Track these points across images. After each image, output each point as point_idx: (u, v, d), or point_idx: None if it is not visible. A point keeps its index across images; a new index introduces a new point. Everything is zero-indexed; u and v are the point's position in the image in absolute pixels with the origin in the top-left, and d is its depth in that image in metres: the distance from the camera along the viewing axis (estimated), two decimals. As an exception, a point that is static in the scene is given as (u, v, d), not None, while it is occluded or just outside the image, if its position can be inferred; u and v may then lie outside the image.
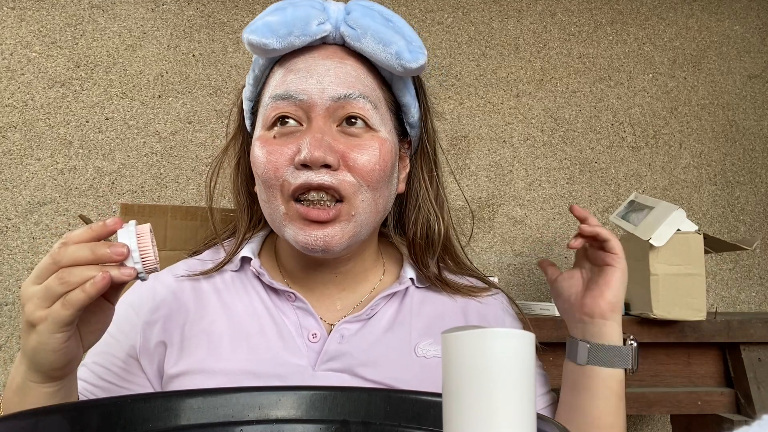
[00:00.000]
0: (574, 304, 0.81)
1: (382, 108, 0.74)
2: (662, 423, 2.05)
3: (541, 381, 0.85)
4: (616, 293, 0.77)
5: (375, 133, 0.72)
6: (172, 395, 0.47)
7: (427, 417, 0.48)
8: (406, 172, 0.82)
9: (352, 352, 0.73)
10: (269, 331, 0.74)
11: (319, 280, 0.79)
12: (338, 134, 0.71)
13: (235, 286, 0.79)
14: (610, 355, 0.77)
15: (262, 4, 2.08)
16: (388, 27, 0.71)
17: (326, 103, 0.70)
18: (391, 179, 0.75)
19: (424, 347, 0.76)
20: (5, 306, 1.82)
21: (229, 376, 0.71)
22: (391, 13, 0.75)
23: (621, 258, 0.78)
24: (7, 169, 1.88)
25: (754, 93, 2.29)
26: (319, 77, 0.71)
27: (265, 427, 0.48)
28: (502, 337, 0.36)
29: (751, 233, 2.22)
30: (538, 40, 2.22)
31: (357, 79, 0.72)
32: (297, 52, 0.74)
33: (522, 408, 0.36)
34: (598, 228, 0.79)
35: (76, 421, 0.43)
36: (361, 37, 0.71)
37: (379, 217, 0.75)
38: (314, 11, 0.71)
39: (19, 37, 1.93)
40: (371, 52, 0.71)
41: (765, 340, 1.46)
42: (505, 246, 2.11)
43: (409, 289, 0.82)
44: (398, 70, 0.70)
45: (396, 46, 0.70)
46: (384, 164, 0.71)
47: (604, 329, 0.77)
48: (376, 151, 0.71)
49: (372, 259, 0.83)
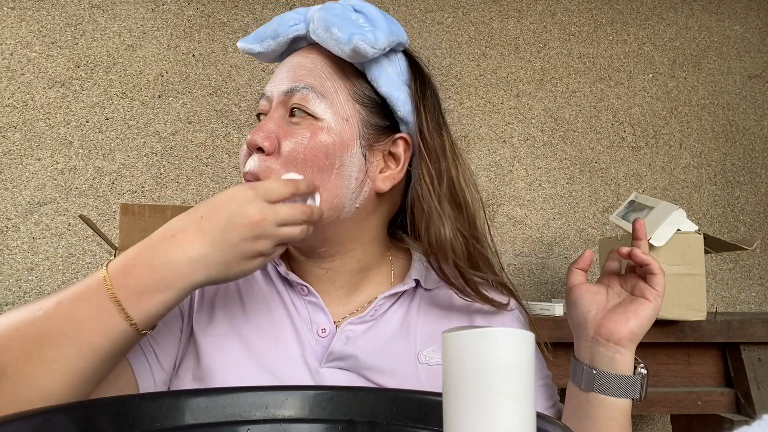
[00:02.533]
0: (590, 321, 0.75)
1: (336, 97, 0.73)
2: (662, 423, 2.06)
3: (547, 394, 0.82)
4: (642, 326, 0.72)
5: (313, 121, 0.71)
6: (179, 394, 0.48)
7: (433, 417, 0.48)
8: (397, 170, 0.76)
9: (357, 355, 0.73)
10: (283, 322, 0.75)
11: (314, 274, 0.79)
12: (285, 123, 0.73)
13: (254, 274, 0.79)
14: (617, 385, 0.72)
15: (261, 4, 2.08)
16: (342, 15, 0.72)
17: (279, 97, 0.74)
18: (335, 171, 0.71)
19: (428, 354, 0.75)
20: (5, 306, 1.82)
21: (240, 359, 0.71)
22: (366, 4, 0.74)
23: (660, 296, 0.74)
24: (7, 169, 1.87)
25: (754, 93, 2.30)
26: (283, 74, 0.75)
27: (271, 426, 0.48)
28: (502, 337, 0.36)
29: (751, 233, 2.22)
30: (538, 40, 2.22)
31: (310, 72, 0.74)
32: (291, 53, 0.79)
33: (522, 408, 0.36)
34: (651, 258, 0.74)
35: (83, 420, 0.43)
36: (316, 29, 0.73)
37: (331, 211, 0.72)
38: (293, 15, 0.76)
39: (19, 37, 1.93)
40: (322, 40, 0.73)
41: (765, 340, 1.46)
42: (505, 246, 2.11)
43: (418, 291, 0.80)
44: (340, 53, 0.71)
45: (338, 31, 0.70)
46: (312, 151, 0.70)
47: (617, 357, 0.72)
48: (305, 137, 0.70)
49: (372, 260, 0.80)
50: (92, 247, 1.89)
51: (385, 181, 0.76)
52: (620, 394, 0.72)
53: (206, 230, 0.59)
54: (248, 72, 2.06)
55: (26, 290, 1.84)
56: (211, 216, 0.60)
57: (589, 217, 2.16)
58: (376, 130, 0.75)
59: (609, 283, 0.79)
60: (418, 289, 0.80)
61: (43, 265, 1.86)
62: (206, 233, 0.59)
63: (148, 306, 0.57)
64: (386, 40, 0.71)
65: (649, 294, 0.73)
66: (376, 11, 0.74)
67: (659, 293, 0.74)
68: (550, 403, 0.81)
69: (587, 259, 0.81)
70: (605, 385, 0.72)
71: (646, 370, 0.73)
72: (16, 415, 0.41)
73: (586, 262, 0.81)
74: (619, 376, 0.72)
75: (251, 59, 2.05)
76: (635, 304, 0.74)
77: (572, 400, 0.76)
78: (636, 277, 0.76)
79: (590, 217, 2.16)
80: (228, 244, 0.59)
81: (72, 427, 0.42)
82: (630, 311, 0.73)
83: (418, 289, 0.80)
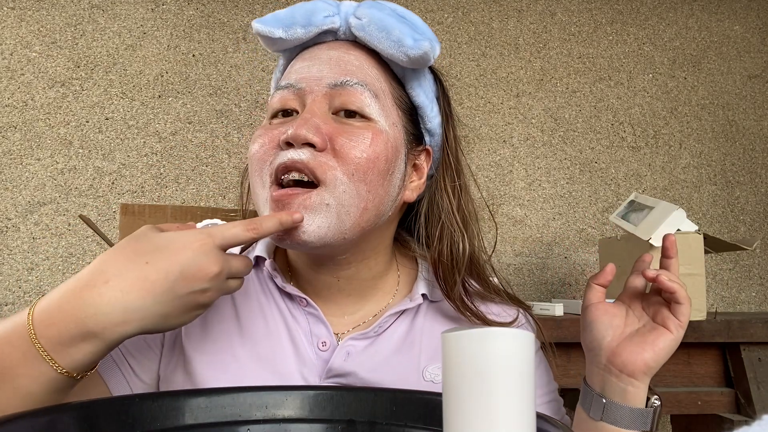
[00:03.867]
0: (605, 348, 0.70)
1: (385, 100, 0.70)
2: (662, 423, 2.06)
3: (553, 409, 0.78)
4: (658, 359, 0.68)
5: (371, 123, 0.67)
6: (179, 394, 0.48)
7: (433, 417, 0.48)
8: (420, 181, 0.75)
9: (357, 372, 0.70)
10: (280, 336, 0.72)
11: (323, 284, 0.75)
12: (331, 119, 0.67)
13: (253, 284, 0.77)
14: (629, 418, 0.68)
15: (261, 3, 2.08)
16: (395, 17, 0.69)
17: (323, 90, 0.68)
18: (388, 177, 0.68)
19: (433, 371, 0.72)
20: (5, 306, 1.82)
21: (237, 373, 0.70)
22: (406, 10, 0.71)
23: (683, 328, 0.68)
24: (7, 169, 1.87)
25: (754, 93, 2.30)
26: (320, 66, 0.69)
27: (271, 426, 0.48)
28: (502, 337, 0.36)
29: (751, 233, 2.22)
30: (538, 40, 2.22)
31: (358, 68, 0.69)
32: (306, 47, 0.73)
33: (522, 408, 0.36)
34: (678, 286, 0.68)
35: (83, 420, 0.43)
36: (365, 25, 0.68)
37: (369, 217, 0.68)
38: (324, 5, 0.71)
39: (19, 37, 1.93)
40: (374, 40, 0.68)
41: (765, 340, 1.46)
42: (505, 246, 2.11)
43: (422, 305, 0.77)
44: (401, 58, 0.67)
45: (399, 33, 0.67)
46: (374, 155, 0.66)
47: (629, 389, 0.68)
48: (367, 139, 0.66)
49: (382, 269, 0.77)
50: (92, 247, 1.89)
51: (413, 191, 0.75)
52: (631, 426, 0.68)
53: (150, 279, 0.54)
54: (248, 72, 2.06)
55: (26, 290, 1.84)
56: (158, 263, 0.54)
57: (589, 217, 2.16)
58: (412, 139, 0.73)
59: (630, 303, 0.74)
60: (424, 301, 0.77)
61: (43, 265, 1.86)
62: (150, 283, 0.54)
63: (77, 356, 0.53)
64: (438, 52, 0.69)
65: (671, 324, 0.68)
66: (419, 19, 0.71)
67: (682, 324, 0.68)
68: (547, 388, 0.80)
69: (608, 274, 0.74)
70: (616, 417, 0.69)
71: (659, 402, 0.69)
72: (16, 415, 0.41)
73: (607, 277, 0.74)
74: (632, 409, 0.68)
75: (251, 59, 2.05)
76: (654, 334, 0.69)
77: (581, 424, 0.74)
78: (660, 302, 0.71)
79: (590, 217, 2.16)
80: (174, 296, 0.54)
81: (72, 427, 0.42)
82: (648, 341, 0.68)
83: (424, 301, 0.77)
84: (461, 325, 0.77)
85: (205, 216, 1.53)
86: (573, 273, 2.12)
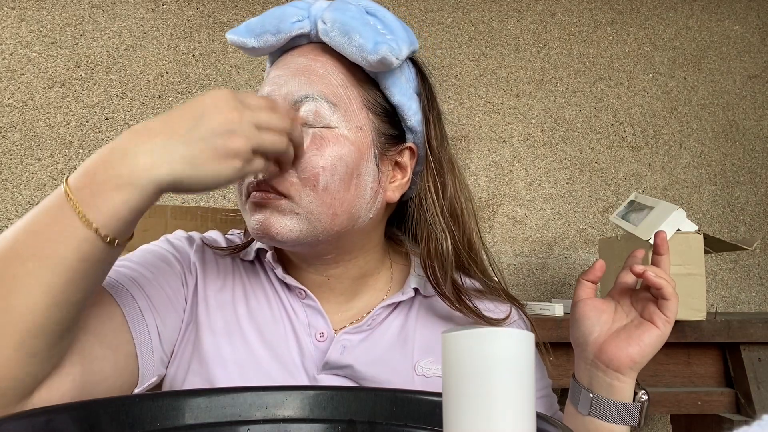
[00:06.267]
0: (591, 344, 0.71)
1: (349, 105, 0.70)
2: (662, 423, 2.06)
3: (546, 405, 0.80)
4: (644, 354, 0.68)
5: (331, 130, 0.69)
6: (179, 394, 0.48)
7: (433, 417, 0.48)
8: (404, 180, 0.76)
9: (353, 365, 0.72)
10: (284, 324, 0.74)
11: (314, 282, 0.77)
12: None
13: (256, 274, 0.78)
14: (616, 412, 0.69)
15: (261, 3, 2.08)
16: (360, 19, 0.69)
17: (288, 106, 0.70)
18: (354, 181, 0.70)
19: (425, 365, 0.74)
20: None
21: (237, 364, 0.71)
22: (378, 7, 0.71)
23: (670, 323, 0.69)
24: (7, 169, 1.87)
25: (754, 93, 2.30)
26: (287, 78, 0.71)
27: (271, 426, 0.48)
28: (502, 337, 0.36)
29: (751, 233, 2.22)
30: (538, 40, 2.22)
31: (321, 78, 0.70)
32: (285, 52, 0.75)
33: (522, 407, 0.36)
34: (665, 282, 0.68)
35: (83, 420, 0.43)
36: (329, 30, 0.69)
37: (341, 222, 0.70)
38: (294, 10, 0.72)
39: (19, 37, 1.93)
40: (338, 45, 0.69)
41: (765, 340, 1.46)
42: (505, 246, 2.11)
43: (417, 298, 0.78)
44: (362, 63, 0.68)
45: (359, 37, 0.67)
46: (331, 162, 0.67)
47: (615, 384, 0.69)
48: (324, 147, 0.68)
49: (373, 266, 0.79)
50: (92, 247, 1.89)
51: (395, 191, 0.75)
52: (618, 420, 0.69)
53: (173, 123, 0.55)
54: (248, 72, 2.06)
55: (26, 290, 1.84)
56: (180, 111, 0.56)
57: (589, 217, 2.16)
58: (387, 139, 0.74)
59: (619, 298, 0.74)
60: (417, 296, 0.79)
61: (43, 265, 1.86)
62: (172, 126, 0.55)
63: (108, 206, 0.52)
64: (407, 50, 0.69)
65: (658, 320, 0.69)
66: (390, 16, 0.71)
67: (669, 320, 0.68)
68: (549, 413, 0.80)
69: (598, 270, 0.75)
70: (603, 411, 0.70)
71: (646, 396, 0.70)
72: (16, 415, 0.41)
73: (596, 273, 0.75)
74: (618, 403, 0.69)
75: (251, 59, 2.05)
76: (641, 330, 0.69)
77: (570, 420, 0.74)
78: (648, 298, 0.71)
79: (590, 217, 2.16)
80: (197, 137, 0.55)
81: (72, 427, 0.42)
82: (634, 337, 0.69)
83: (417, 296, 0.79)
84: (455, 319, 0.79)
85: (206, 216, 1.53)
86: (573, 273, 2.13)
